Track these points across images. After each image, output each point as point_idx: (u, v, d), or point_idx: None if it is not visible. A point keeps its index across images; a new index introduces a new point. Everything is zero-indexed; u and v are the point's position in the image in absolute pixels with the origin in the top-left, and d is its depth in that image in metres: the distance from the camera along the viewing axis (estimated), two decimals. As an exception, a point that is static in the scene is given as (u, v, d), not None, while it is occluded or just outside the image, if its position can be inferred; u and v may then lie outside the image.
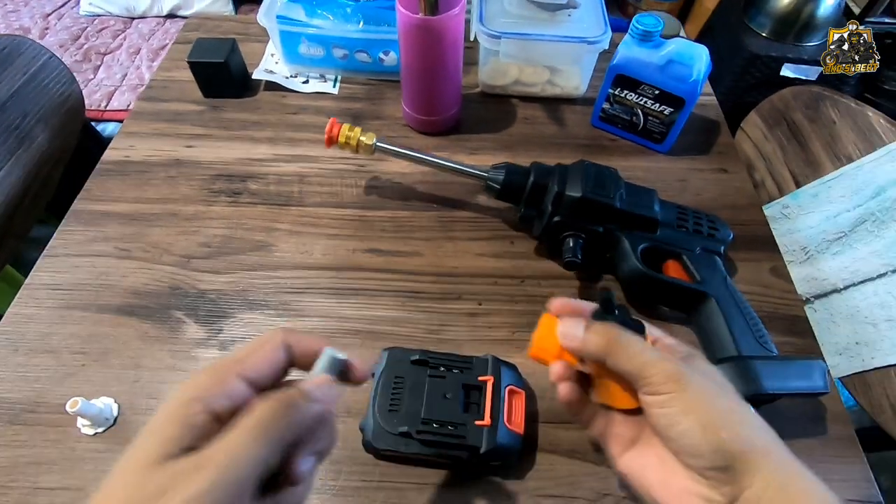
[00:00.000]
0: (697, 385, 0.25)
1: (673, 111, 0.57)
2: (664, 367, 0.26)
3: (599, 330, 0.28)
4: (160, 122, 0.63)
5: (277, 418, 0.22)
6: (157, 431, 0.22)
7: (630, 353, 0.27)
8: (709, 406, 0.25)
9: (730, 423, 0.24)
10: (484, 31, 0.59)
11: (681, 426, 0.25)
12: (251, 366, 0.24)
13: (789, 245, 0.66)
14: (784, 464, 0.24)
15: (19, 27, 1.42)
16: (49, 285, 0.49)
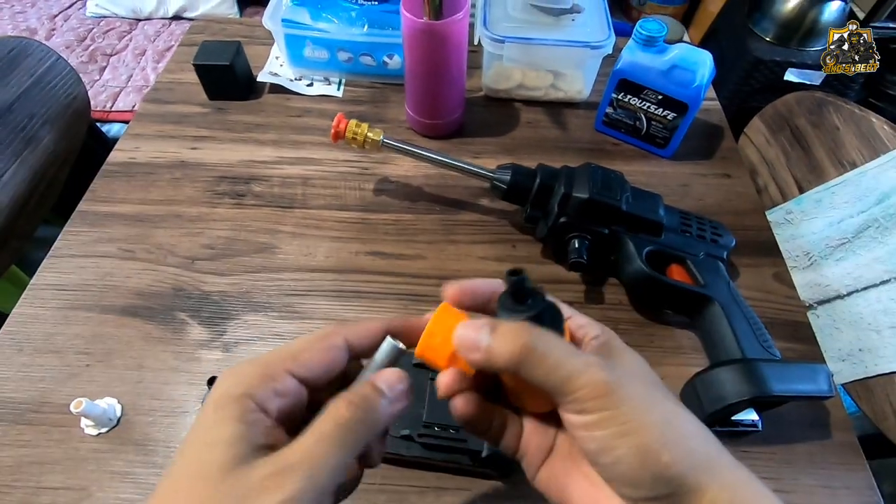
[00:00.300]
0: (632, 397, 0.21)
1: (676, 116, 0.57)
2: (592, 377, 0.21)
3: (509, 335, 0.22)
4: (165, 124, 0.63)
5: (359, 422, 0.21)
6: (213, 431, 0.20)
7: (549, 364, 0.21)
8: (647, 423, 0.20)
9: (671, 442, 0.20)
10: (488, 36, 0.59)
11: (616, 452, 0.20)
12: (305, 364, 0.23)
13: (792, 251, 0.66)
14: (731, 478, 0.21)
15: (26, 28, 1.44)
16: (54, 286, 0.49)
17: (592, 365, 0.21)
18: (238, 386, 0.21)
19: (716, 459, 0.21)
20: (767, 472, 0.41)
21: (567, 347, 0.22)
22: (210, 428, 0.20)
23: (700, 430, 0.22)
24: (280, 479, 0.19)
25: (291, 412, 0.22)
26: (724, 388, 0.38)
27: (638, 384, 0.22)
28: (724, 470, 0.21)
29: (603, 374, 0.21)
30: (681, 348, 0.47)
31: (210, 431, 0.20)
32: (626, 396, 0.21)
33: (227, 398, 0.21)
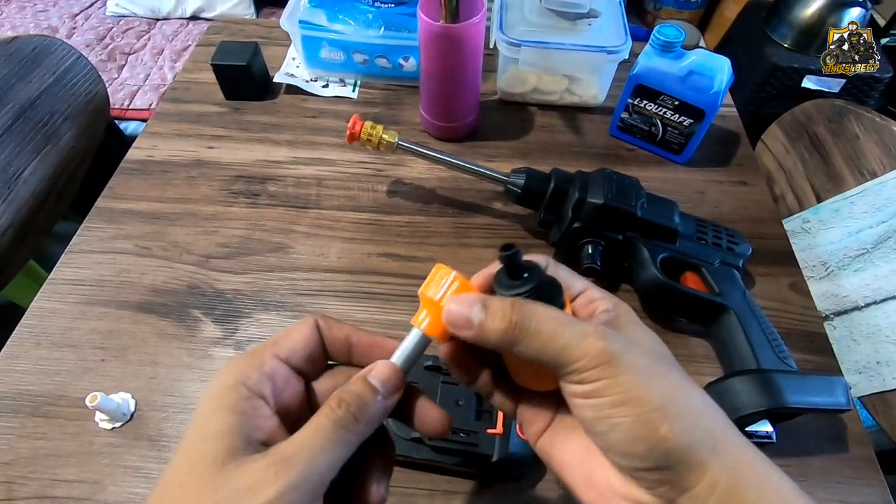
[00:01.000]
0: (633, 366, 0.20)
1: (693, 122, 0.57)
2: (591, 347, 0.20)
3: (499, 311, 0.21)
4: (182, 123, 0.64)
5: (353, 417, 0.21)
6: (209, 424, 0.20)
7: (544, 338, 0.21)
8: (647, 393, 0.20)
9: (672, 415, 0.20)
10: (504, 39, 0.59)
11: (611, 420, 0.20)
12: (285, 346, 0.24)
13: (809, 260, 0.65)
14: (736, 457, 0.20)
15: (48, 26, 1.46)
16: (72, 281, 0.50)
17: (590, 334, 0.21)
18: (231, 377, 0.22)
19: (721, 438, 0.20)
20: (781, 484, 0.40)
21: (563, 318, 0.21)
22: (206, 420, 0.21)
23: (707, 407, 0.21)
24: (275, 471, 0.19)
25: (289, 404, 0.23)
26: (738, 399, 0.38)
27: (641, 355, 0.21)
28: (728, 449, 0.20)
29: (602, 342, 0.20)
30: (694, 357, 0.47)
31: (205, 423, 0.20)
32: (627, 366, 0.20)
33: (222, 388, 0.21)
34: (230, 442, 0.20)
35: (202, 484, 0.19)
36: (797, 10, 1.23)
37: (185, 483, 0.19)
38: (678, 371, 0.22)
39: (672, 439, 0.19)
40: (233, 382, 0.21)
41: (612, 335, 0.21)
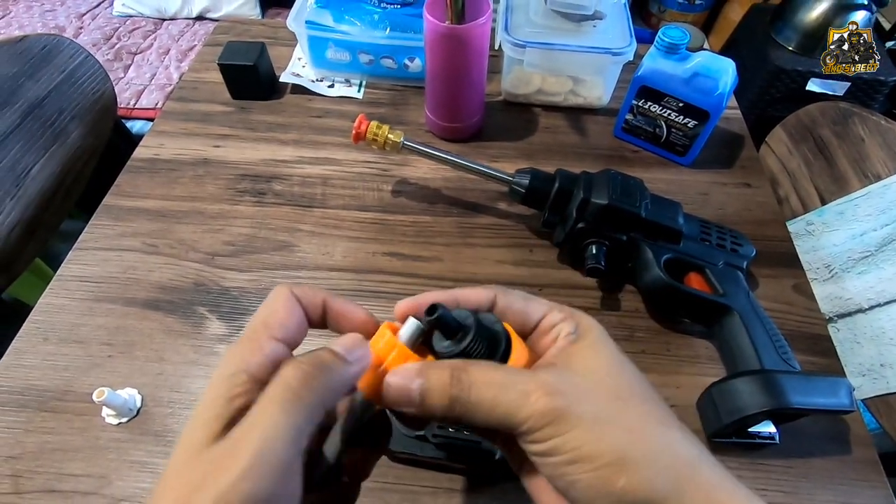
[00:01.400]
0: (583, 419, 0.19)
1: (697, 124, 0.57)
2: (535, 408, 0.20)
3: (437, 387, 0.21)
4: (189, 122, 0.65)
5: (307, 381, 0.20)
6: (203, 413, 0.20)
7: (487, 407, 0.20)
8: (599, 448, 0.19)
9: (629, 466, 0.19)
10: (509, 40, 0.59)
11: (567, 478, 0.19)
12: (277, 325, 0.22)
13: (813, 262, 0.65)
14: (706, 496, 0.19)
15: (55, 26, 1.47)
16: (79, 277, 0.50)
17: (534, 391, 0.20)
18: (230, 366, 0.21)
19: (686, 480, 0.19)
20: (784, 486, 0.40)
21: (503, 379, 0.21)
22: (201, 410, 0.20)
23: (670, 445, 0.20)
24: (228, 459, 0.18)
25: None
26: (741, 399, 0.38)
27: (594, 400, 0.20)
28: (696, 491, 0.19)
29: (545, 400, 0.20)
30: (698, 357, 0.47)
31: (199, 413, 0.20)
32: (577, 419, 0.19)
33: (220, 378, 0.20)
34: (213, 427, 0.19)
35: (184, 471, 0.19)
36: (802, 12, 1.23)
37: (173, 471, 0.19)
38: (638, 402, 0.21)
39: (632, 492, 0.19)
40: (232, 371, 0.21)
41: (557, 388, 0.20)
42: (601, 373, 0.22)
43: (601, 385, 0.21)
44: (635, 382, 0.22)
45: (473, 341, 0.22)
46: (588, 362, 0.22)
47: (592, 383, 0.21)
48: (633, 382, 0.22)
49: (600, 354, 0.23)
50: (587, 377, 0.22)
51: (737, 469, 0.41)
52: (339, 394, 0.21)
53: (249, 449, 0.18)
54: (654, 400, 0.22)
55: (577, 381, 0.21)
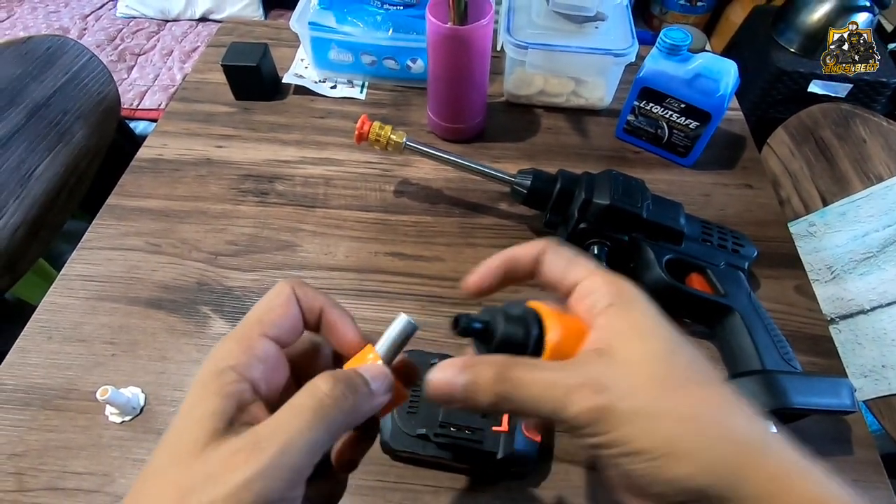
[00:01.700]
0: (631, 414, 0.19)
1: (699, 125, 0.57)
2: (581, 406, 0.19)
3: (483, 379, 0.21)
4: (192, 123, 0.65)
5: (339, 402, 0.20)
6: (195, 409, 0.19)
7: (533, 403, 0.20)
8: (650, 442, 0.18)
9: (684, 455, 0.18)
10: (511, 42, 0.59)
11: (622, 469, 0.19)
12: (271, 323, 0.22)
13: (814, 263, 0.65)
14: (770, 474, 0.18)
15: (59, 27, 1.48)
16: (83, 276, 0.51)
17: (579, 390, 0.19)
18: (220, 361, 0.20)
19: (746, 463, 0.18)
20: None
21: (549, 377, 0.20)
22: (191, 406, 0.20)
23: (731, 427, 0.19)
24: (249, 453, 0.18)
25: (279, 384, 0.22)
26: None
27: (642, 393, 0.19)
28: (757, 476, 0.18)
29: (591, 399, 0.19)
30: (699, 358, 0.47)
31: (191, 409, 0.19)
32: (625, 416, 0.19)
33: (210, 373, 0.20)
34: (213, 424, 0.19)
35: (180, 469, 0.18)
36: (804, 14, 1.23)
37: (165, 470, 0.18)
38: (693, 387, 0.20)
39: (689, 481, 0.18)
40: (222, 367, 0.20)
41: (602, 384, 0.19)
42: (649, 358, 0.20)
43: (650, 373, 0.20)
44: (687, 364, 0.21)
45: (502, 343, 0.22)
46: (634, 346, 0.21)
47: (640, 373, 0.20)
48: (685, 365, 0.20)
49: (647, 336, 0.21)
50: (634, 366, 0.20)
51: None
52: (360, 420, 0.21)
53: (270, 450, 0.18)
54: (711, 382, 0.20)
55: (623, 371, 0.20)
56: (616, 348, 0.21)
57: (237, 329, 0.22)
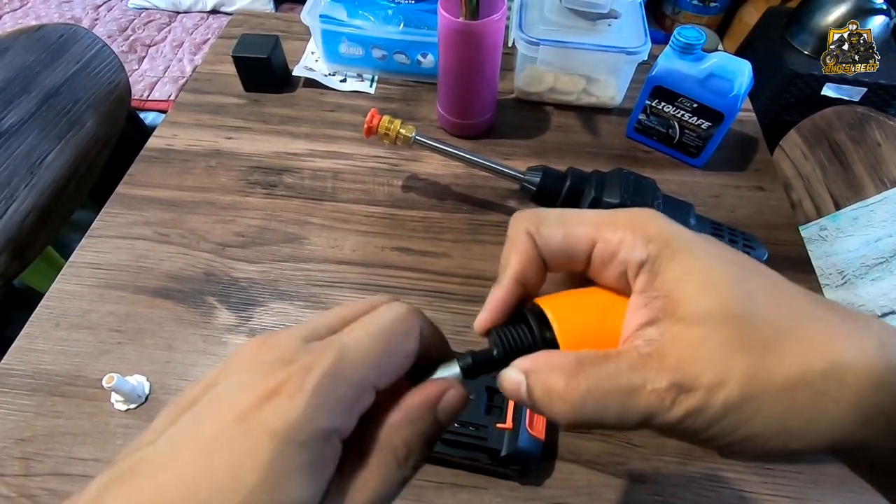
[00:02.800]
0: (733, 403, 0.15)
1: (711, 125, 0.56)
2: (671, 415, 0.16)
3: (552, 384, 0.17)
4: (202, 114, 0.65)
5: (415, 465, 0.18)
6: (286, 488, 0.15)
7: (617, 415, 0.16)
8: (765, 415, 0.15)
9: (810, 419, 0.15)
10: (523, 38, 0.59)
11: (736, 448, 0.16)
12: (385, 373, 0.18)
13: (825, 268, 0.64)
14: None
15: (71, 17, 1.49)
16: (91, 264, 0.51)
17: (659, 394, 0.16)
18: (323, 416, 0.16)
19: (881, 396, 0.15)
20: (792, 492, 0.40)
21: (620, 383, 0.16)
22: (278, 477, 0.15)
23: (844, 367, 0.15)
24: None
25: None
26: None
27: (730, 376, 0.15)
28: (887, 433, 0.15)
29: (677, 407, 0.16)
30: (706, 360, 0.46)
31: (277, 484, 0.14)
32: (721, 409, 0.16)
33: (310, 436, 0.15)
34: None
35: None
36: (818, 16, 1.21)
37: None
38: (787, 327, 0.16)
39: (809, 449, 0.16)
40: (326, 429, 0.16)
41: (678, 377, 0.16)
42: (722, 323, 0.16)
43: (732, 343, 0.16)
44: (772, 308, 0.16)
45: (509, 354, 0.19)
46: (697, 312, 0.16)
47: (720, 348, 0.16)
48: (769, 310, 0.16)
49: (710, 290, 0.16)
50: (709, 342, 0.16)
51: (743, 474, 0.40)
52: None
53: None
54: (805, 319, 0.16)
55: (698, 354, 0.16)
56: (674, 317, 0.16)
57: (351, 367, 0.17)
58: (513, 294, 0.20)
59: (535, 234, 0.19)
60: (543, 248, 0.19)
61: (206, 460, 0.15)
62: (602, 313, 0.19)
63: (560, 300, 0.19)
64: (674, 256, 0.17)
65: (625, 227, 0.18)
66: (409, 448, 0.17)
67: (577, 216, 0.19)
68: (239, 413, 0.15)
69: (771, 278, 0.17)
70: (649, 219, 0.18)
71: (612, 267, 0.18)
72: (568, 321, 0.18)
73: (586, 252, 0.19)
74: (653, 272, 0.17)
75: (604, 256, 0.18)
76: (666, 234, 0.17)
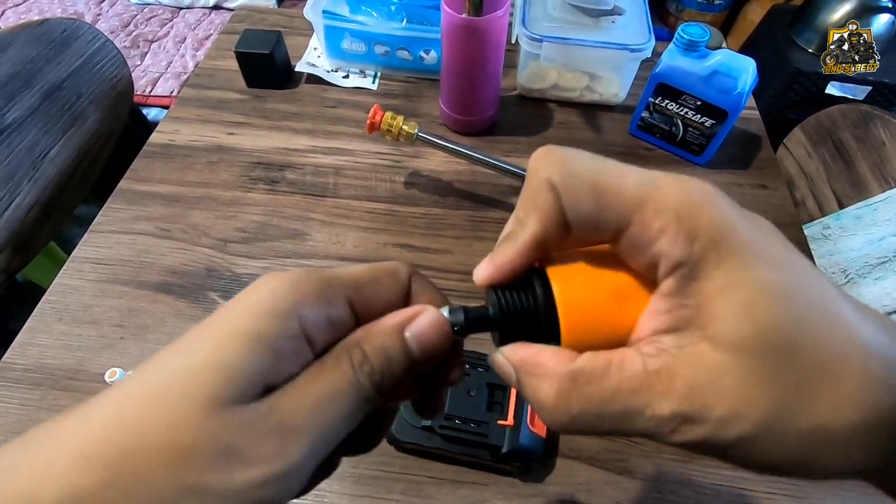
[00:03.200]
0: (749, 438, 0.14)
1: (714, 123, 0.56)
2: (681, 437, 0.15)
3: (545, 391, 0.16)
4: (204, 109, 0.65)
5: (374, 385, 0.16)
6: (228, 351, 0.15)
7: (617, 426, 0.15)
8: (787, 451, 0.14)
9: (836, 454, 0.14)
10: (526, 34, 0.59)
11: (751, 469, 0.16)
12: (366, 297, 0.18)
13: (828, 267, 0.64)
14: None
15: (74, 12, 1.49)
16: (93, 259, 0.51)
17: (669, 420, 0.14)
18: (289, 296, 0.16)
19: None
20: (792, 492, 0.40)
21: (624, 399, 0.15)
22: (225, 342, 0.15)
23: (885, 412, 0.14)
24: (283, 442, 0.14)
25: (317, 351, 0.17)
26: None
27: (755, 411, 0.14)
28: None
29: (688, 432, 0.14)
30: (708, 358, 0.46)
31: (223, 347, 0.15)
32: (737, 442, 0.14)
33: (270, 311, 0.15)
34: (246, 384, 0.14)
35: (187, 419, 0.14)
36: (823, 14, 1.20)
37: (165, 405, 0.14)
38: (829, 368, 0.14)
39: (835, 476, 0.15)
40: (290, 310, 0.16)
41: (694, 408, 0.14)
42: (755, 345, 0.14)
43: (760, 377, 0.14)
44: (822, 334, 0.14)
45: (505, 325, 0.18)
46: (733, 325, 0.14)
47: (746, 379, 0.14)
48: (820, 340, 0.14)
49: (754, 310, 0.14)
50: (737, 370, 0.14)
51: (742, 474, 0.40)
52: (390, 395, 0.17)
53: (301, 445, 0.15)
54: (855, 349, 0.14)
55: (722, 387, 0.14)
56: (700, 336, 0.14)
57: (326, 273, 0.17)
58: (527, 258, 0.18)
59: (561, 190, 0.16)
60: (569, 213, 0.16)
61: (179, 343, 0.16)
62: (617, 302, 0.17)
63: (573, 275, 0.17)
64: (720, 264, 0.14)
65: (671, 212, 0.15)
66: (364, 355, 0.16)
67: (616, 180, 0.16)
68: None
69: (822, 288, 0.15)
70: (703, 204, 0.15)
71: (644, 255, 0.16)
72: (576, 308, 0.17)
73: (618, 230, 0.16)
74: (689, 277, 0.15)
75: (637, 242, 0.16)
76: (718, 230, 0.15)
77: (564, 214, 0.16)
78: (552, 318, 0.17)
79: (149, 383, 0.15)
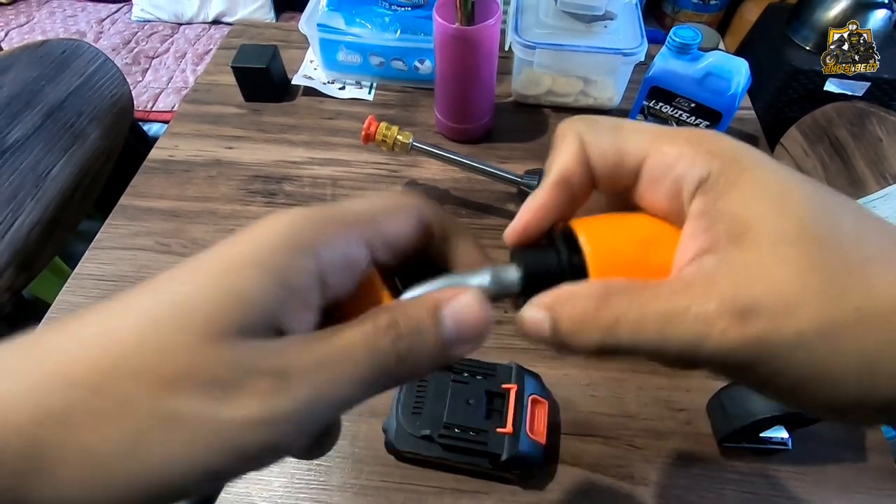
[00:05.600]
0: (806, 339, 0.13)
1: (709, 125, 0.56)
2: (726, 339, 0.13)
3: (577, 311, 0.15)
4: (203, 124, 0.66)
5: (397, 356, 0.15)
6: (234, 280, 0.14)
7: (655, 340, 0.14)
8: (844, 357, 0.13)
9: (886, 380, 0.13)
10: (519, 42, 0.59)
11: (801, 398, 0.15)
12: (383, 232, 0.17)
13: (829, 265, 0.64)
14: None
15: (76, 31, 1.51)
16: (95, 276, 0.52)
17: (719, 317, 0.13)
18: (302, 236, 0.15)
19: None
20: (796, 494, 0.39)
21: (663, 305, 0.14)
22: (231, 270, 0.14)
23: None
24: (282, 385, 0.13)
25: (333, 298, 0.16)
26: (752, 403, 0.37)
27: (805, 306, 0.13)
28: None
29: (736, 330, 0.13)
30: (708, 361, 0.46)
31: (228, 274, 0.14)
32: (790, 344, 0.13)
33: (282, 244, 0.14)
34: (253, 318, 0.14)
35: (179, 345, 0.13)
36: (819, 12, 1.20)
37: (160, 327, 0.13)
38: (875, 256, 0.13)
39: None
40: (301, 245, 0.15)
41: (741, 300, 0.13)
42: (798, 245, 0.13)
43: (809, 268, 0.13)
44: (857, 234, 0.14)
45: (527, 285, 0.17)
46: (767, 234, 0.14)
47: (794, 273, 0.13)
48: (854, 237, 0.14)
49: (783, 211, 0.14)
50: (781, 265, 0.13)
51: (748, 475, 0.40)
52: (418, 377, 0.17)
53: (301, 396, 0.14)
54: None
55: (767, 277, 0.13)
56: (742, 242, 0.14)
57: (342, 209, 0.16)
58: (554, 199, 0.17)
59: (584, 134, 0.17)
60: (592, 153, 0.17)
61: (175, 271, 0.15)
62: (645, 244, 0.16)
63: (597, 223, 0.17)
64: (743, 172, 0.14)
65: (685, 140, 0.15)
66: (393, 319, 0.15)
67: (633, 124, 0.17)
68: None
69: (855, 204, 0.15)
70: (715, 134, 0.15)
71: (665, 185, 0.16)
72: (603, 248, 0.16)
73: (637, 163, 0.16)
74: (717, 191, 0.14)
75: (656, 171, 0.16)
76: (734, 149, 0.15)
77: (588, 157, 0.17)
78: (578, 264, 0.16)
79: (140, 306, 0.14)
